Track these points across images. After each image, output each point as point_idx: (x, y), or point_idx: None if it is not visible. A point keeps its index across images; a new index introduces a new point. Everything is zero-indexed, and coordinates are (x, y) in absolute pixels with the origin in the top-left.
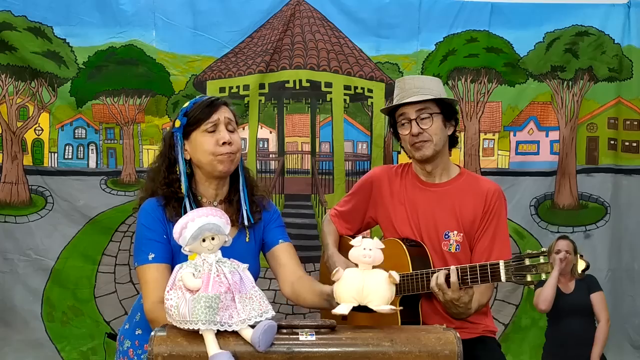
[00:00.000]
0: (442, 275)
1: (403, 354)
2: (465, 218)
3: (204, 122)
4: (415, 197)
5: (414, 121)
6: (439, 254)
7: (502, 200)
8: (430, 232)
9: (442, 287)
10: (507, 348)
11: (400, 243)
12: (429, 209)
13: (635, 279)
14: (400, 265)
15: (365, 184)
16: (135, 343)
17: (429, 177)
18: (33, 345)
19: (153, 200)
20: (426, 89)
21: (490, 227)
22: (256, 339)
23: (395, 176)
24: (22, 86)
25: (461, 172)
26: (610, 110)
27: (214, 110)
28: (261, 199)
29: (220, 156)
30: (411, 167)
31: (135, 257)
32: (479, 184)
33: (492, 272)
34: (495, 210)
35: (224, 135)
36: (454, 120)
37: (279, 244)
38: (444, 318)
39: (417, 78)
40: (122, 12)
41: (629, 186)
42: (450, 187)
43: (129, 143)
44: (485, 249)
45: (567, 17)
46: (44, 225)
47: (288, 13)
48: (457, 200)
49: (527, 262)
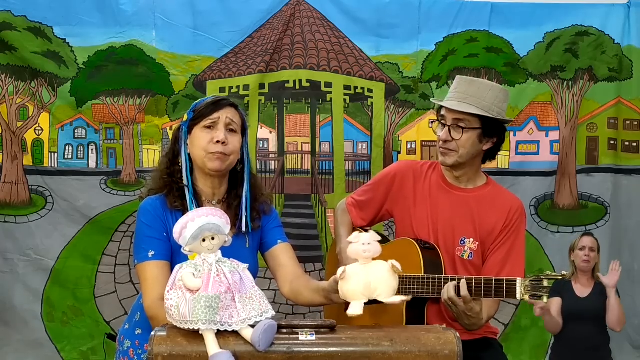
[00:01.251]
0: (452, 289)
1: (403, 354)
2: (484, 228)
3: (205, 118)
4: (438, 198)
5: (447, 127)
6: (452, 258)
7: (524, 217)
8: (447, 236)
9: (453, 300)
10: (507, 348)
11: (414, 244)
12: (449, 212)
13: (635, 279)
14: (413, 267)
15: (388, 176)
16: (136, 343)
17: (456, 180)
18: (33, 345)
19: (153, 198)
20: (476, 99)
21: (508, 242)
22: (256, 339)
23: (421, 173)
24: (22, 86)
25: (487, 182)
26: (610, 110)
27: (217, 108)
28: (263, 206)
29: (211, 154)
30: (439, 166)
31: (135, 255)
32: (504, 197)
33: (508, 288)
34: (516, 226)
35: (219, 134)
36: (496, 137)
37: (278, 244)
38: (448, 323)
39: (475, 83)
40: (122, 12)
41: (629, 186)
42: (475, 194)
43: (129, 143)
44: (498, 262)
45: (567, 17)
46: (44, 225)
47: (288, 13)
48: (478, 209)
49: (545, 283)
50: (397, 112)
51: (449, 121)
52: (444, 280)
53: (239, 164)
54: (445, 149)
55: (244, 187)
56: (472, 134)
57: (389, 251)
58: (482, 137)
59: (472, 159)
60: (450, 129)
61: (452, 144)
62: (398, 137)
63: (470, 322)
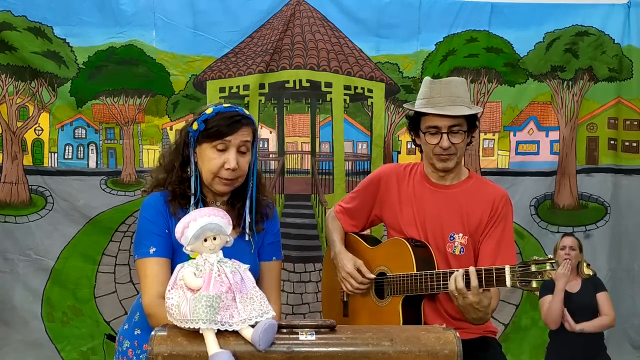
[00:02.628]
0: (460, 280)
1: (403, 354)
2: (472, 221)
3: (217, 139)
4: (423, 198)
5: (445, 134)
6: (443, 255)
7: (509, 205)
8: (436, 233)
9: (461, 291)
10: (507, 348)
11: (405, 243)
12: (436, 210)
13: (635, 279)
14: (405, 265)
15: (372, 182)
16: (135, 343)
17: (440, 179)
18: (33, 345)
19: (157, 194)
20: (460, 99)
21: (496, 231)
22: (256, 338)
23: (404, 175)
24: (22, 86)
25: (470, 175)
26: (610, 110)
27: (232, 131)
28: (266, 209)
29: (220, 179)
30: (420, 167)
31: (136, 250)
32: (487, 188)
33: (497, 277)
34: (502, 215)
35: (231, 161)
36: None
37: (272, 261)
38: (446, 319)
39: (451, 83)
40: (122, 12)
41: (629, 186)
42: (459, 189)
43: (129, 143)
44: (490, 253)
45: (567, 17)
46: (44, 225)
47: (288, 13)
48: (464, 203)
49: (533, 268)
50: (397, 112)
51: (444, 129)
52: (435, 275)
53: None
54: (447, 155)
55: (249, 191)
56: (464, 134)
57: (382, 252)
58: (469, 134)
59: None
60: (449, 135)
61: (452, 148)
62: (398, 137)
63: (477, 316)
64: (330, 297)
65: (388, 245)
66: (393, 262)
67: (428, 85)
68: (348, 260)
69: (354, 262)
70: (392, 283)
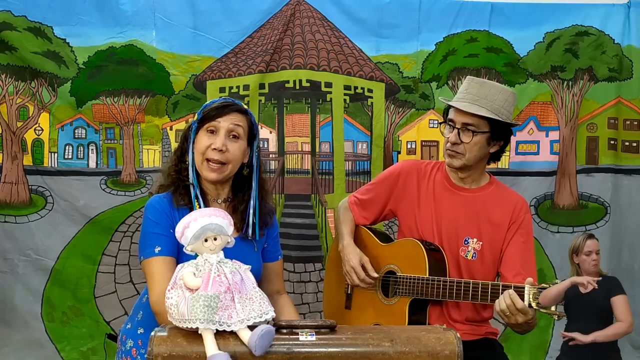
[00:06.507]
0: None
1: (403, 354)
2: (488, 227)
3: (208, 122)
4: (442, 198)
5: (456, 129)
6: (455, 259)
7: (529, 213)
8: (451, 236)
9: (524, 310)
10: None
11: (420, 245)
12: (453, 213)
13: (635, 279)
14: (417, 267)
15: (391, 175)
16: (139, 342)
17: (460, 181)
18: (33, 345)
19: (160, 195)
20: (487, 101)
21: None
22: (253, 343)
23: (425, 173)
24: (22, 86)
25: (491, 181)
26: (610, 110)
27: (221, 114)
28: (267, 217)
29: (207, 162)
30: (443, 166)
31: (141, 251)
32: (507, 194)
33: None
34: (524, 223)
35: (217, 142)
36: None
37: (279, 260)
38: (450, 324)
39: (486, 85)
40: (122, 12)
41: (629, 186)
42: (479, 194)
43: (129, 143)
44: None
45: (567, 17)
46: (44, 225)
47: (288, 13)
48: (482, 208)
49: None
50: (397, 112)
51: (458, 124)
52: (449, 283)
53: (245, 168)
54: (453, 151)
55: (252, 192)
56: (481, 138)
57: (393, 250)
58: (490, 140)
59: (478, 162)
60: (460, 131)
61: (461, 147)
62: (398, 137)
63: (530, 328)
64: (334, 287)
65: (400, 245)
66: (404, 263)
67: (466, 82)
68: (354, 254)
69: (359, 257)
70: (401, 283)
